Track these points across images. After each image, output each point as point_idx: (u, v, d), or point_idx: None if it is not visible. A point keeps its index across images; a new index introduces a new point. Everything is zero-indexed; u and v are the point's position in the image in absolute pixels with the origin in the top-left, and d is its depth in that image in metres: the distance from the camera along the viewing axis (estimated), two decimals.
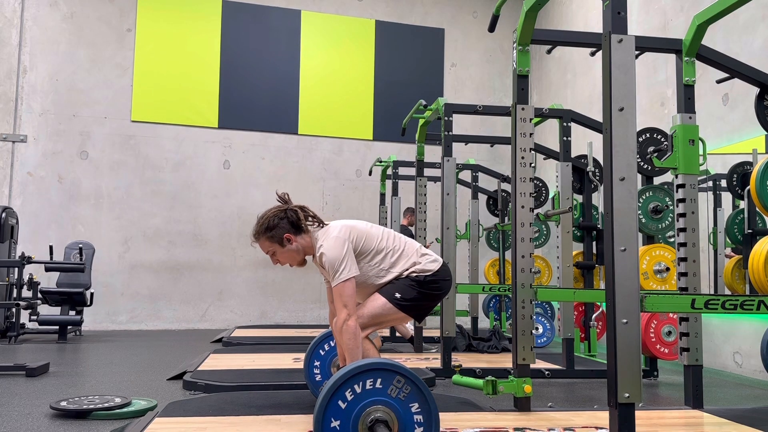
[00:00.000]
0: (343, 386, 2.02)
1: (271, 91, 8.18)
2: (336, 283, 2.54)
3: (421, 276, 2.69)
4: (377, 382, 2.05)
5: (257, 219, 2.73)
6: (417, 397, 2.07)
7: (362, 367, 2.06)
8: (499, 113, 4.69)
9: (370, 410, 2.03)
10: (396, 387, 2.06)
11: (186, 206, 7.82)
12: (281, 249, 2.68)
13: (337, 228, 2.66)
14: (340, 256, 2.55)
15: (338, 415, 2.01)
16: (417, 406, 2.07)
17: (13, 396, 3.39)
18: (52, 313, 6.48)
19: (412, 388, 2.07)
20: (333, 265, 2.55)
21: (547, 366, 4.41)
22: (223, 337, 5.99)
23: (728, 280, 4.39)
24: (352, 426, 2.02)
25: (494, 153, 8.65)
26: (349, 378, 2.03)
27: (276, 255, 2.71)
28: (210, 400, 3.15)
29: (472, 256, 6.33)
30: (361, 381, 2.04)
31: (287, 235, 2.66)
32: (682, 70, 3.12)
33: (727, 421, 2.83)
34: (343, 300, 2.52)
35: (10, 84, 7.33)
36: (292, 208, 2.71)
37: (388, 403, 2.04)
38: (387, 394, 2.05)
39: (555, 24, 8.02)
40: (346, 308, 2.51)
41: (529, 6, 2.91)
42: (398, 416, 2.04)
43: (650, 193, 4.34)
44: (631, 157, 2.15)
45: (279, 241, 2.67)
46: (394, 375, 2.06)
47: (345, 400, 2.02)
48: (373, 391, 2.04)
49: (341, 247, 2.57)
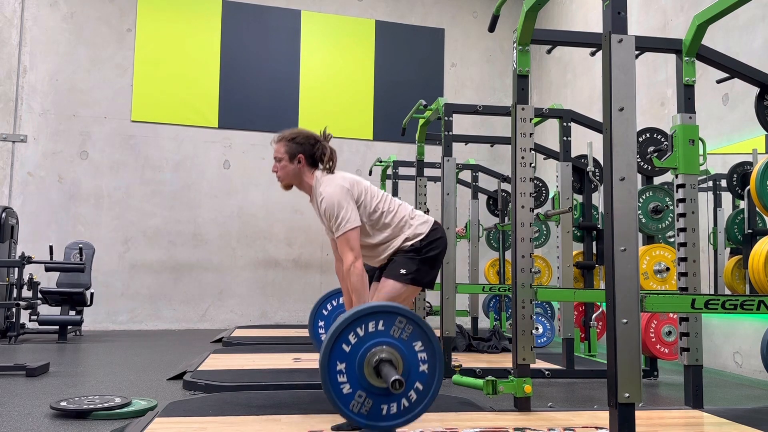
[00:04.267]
0: (345, 330, 2.07)
1: (271, 91, 8.18)
2: (339, 233, 2.60)
3: (417, 243, 2.75)
4: (379, 324, 2.10)
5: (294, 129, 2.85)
6: (420, 336, 2.12)
7: (364, 311, 2.11)
8: (499, 113, 4.69)
9: (374, 351, 2.07)
10: (398, 327, 2.11)
11: (186, 206, 7.82)
12: (288, 163, 2.76)
13: (340, 177, 2.72)
14: (342, 205, 2.60)
15: (343, 358, 2.06)
16: (420, 345, 2.11)
17: (13, 396, 3.39)
18: (52, 313, 6.48)
19: (414, 327, 2.12)
20: (333, 213, 2.61)
21: (547, 366, 4.41)
22: (223, 337, 5.99)
23: (728, 280, 4.39)
24: (358, 367, 2.06)
25: (494, 153, 8.65)
26: (351, 322, 2.08)
27: (280, 164, 2.78)
28: (210, 400, 3.15)
29: (472, 256, 6.33)
30: (364, 324, 2.09)
31: (300, 156, 2.74)
32: (682, 70, 3.12)
33: (727, 421, 2.83)
34: (349, 245, 2.58)
35: (10, 84, 7.33)
36: (324, 144, 2.78)
37: (392, 344, 2.09)
38: (390, 335, 2.10)
39: (555, 24, 8.02)
40: (353, 251, 2.57)
41: (529, 6, 2.91)
42: (402, 355, 2.09)
43: (650, 193, 4.34)
44: (631, 157, 2.15)
45: (291, 156, 2.75)
46: (396, 316, 2.11)
47: (349, 343, 2.07)
48: (376, 333, 2.09)
49: (343, 196, 2.63)
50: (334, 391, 2.05)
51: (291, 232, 8.09)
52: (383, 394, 2.07)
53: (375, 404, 2.07)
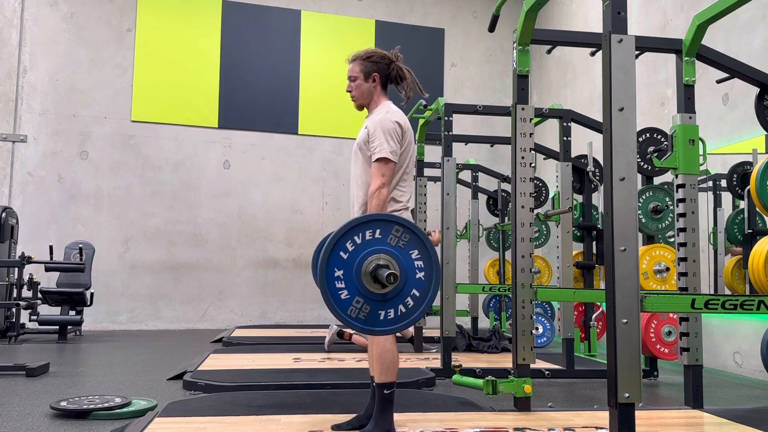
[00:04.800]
0: (343, 238, 2.09)
1: (271, 91, 8.18)
2: (377, 156, 2.48)
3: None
4: (376, 232, 2.11)
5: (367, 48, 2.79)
6: (416, 245, 2.13)
7: (360, 220, 2.13)
8: (499, 113, 4.69)
9: (372, 258, 2.09)
10: (395, 236, 2.12)
11: (186, 206, 7.82)
12: (362, 82, 2.71)
13: (404, 118, 2.63)
14: (392, 135, 2.51)
15: (341, 264, 2.08)
16: (417, 253, 2.13)
17: (13, 396, 3.39)
18: (52, 313, 6.48)
19: (411, 236, 2.14)
20: (380, 135, 2.50)
21: (547, 366, 4.41)
22: (223, 337, 5.99)
23: (728, 280, 4.39)
24: (356, 273, 2.08)
25: (494, 153, 8.65)
26: (348, 230, 2.09)
27: (355, 83, 2.74)
28: (210, 400, 3.16)
29: (472, 256, 6.33)
30: (361, 232, 2.10)
31: (376, 75, 2.70)
32: (682, 70, 3.12)
33: (727, 421, 2.83)
34: (381, 171, 2.46)
35: (10, 84, 7.33)
36: (399, 66, 2.73)
37: (389, 251, 2.11)
38: (387, 243, 2.11)
39: (555, 24, 8.02)
40: (383, 178, 2.45)
41: (529, 6, 2.91)
42: (399, 262, 2.11)
43: (650, 193, 4.34)
44: (631, 157, 2.15)
45: (367, 74, 2.71)
46: (393, 224, 2.13)
47: (346, 251, 2.09)
48: (373, 241, 2.11)
49: (397, 131, 2.54)
50: (333, 297, 2.07)
51: (291, 232, 8.09)
52: (381, 300, 2.10)
53: (372, 310, 2.10)
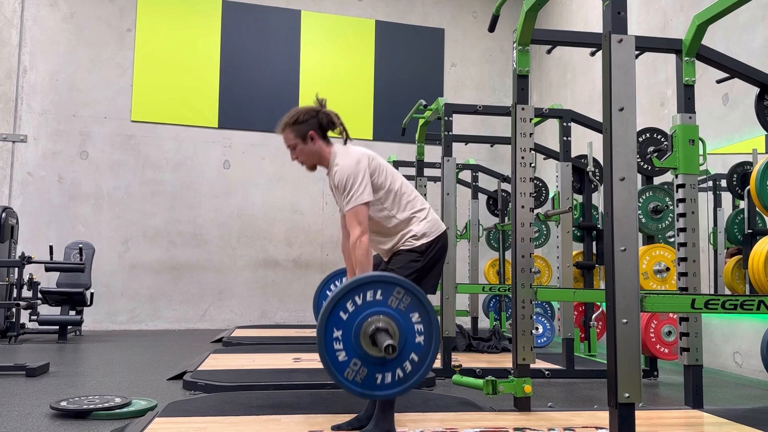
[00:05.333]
0: (344, 298, 2.07)
1: (271, 91, 8.18)
2: (349, 207, 2.50)
3: (423, 246, 2.61)
4: (378, 293, 2.10)
5: (289, 111, 2.72)
6: (417, 308, 2.11)
7: (363, 280, 2.11)
8: (499, 113, 4.69)
9: (371, 320, 2.07)
10: (396, 298, 2.10)
11: (186, 206, 7.82)
12: (303, 145, 2.66)
13: (359, 151, 2.63)
14: (356, 177, 2.51)
15: (340, 324, 2.06)
16: (417, 316, 2.11)
17: (13, 396, 3.39)
18: (52, 313, 6.48)
19: (412, 298, 2.12)
20: (346, 184, 2.51)
21: (547, 366, 4.41)
22: (223, 337, 5.99)
23: (728, 280, 4.38)
24: (354, 334, 2.06)
25: (494, 153, 8.65)
26: (350, 290, 2.08)
27: (296, 150, 2.68)
28: (210, 400, 3.15)
29: (472, 256, 6.33)
30: (362, 293, 2.09)
31: (312, 133, 2.65)
32: (682, 70, 3.12)
33: (727, 421, 2.83)
34: (358, 219, 2.48)
35: (10, 84, 7.33)
36: (325, 111, 2.70)
37: (389, 314, 2.09)
38: (387, 305, 2.09)
39: (555, 24, 8.02)
40: (360, 226, 2.47)
41: (529, 6, 2.91)
42: (399, 326, 2.08)
43: (650, 193, 4.34)
44: (631, 157, 2.15)
45: (303, 137, 2.65)
46: (394, 287, 2.11)
47: (346, 311, 2.07)
48: (373, 303, 2.09)
49: (358, 169, 2.53)
50: (330, 358, 2.06)
51: (291, 232, 8.09)
52: (378, 364, 2.07)
53: (370, 373, 2.08)
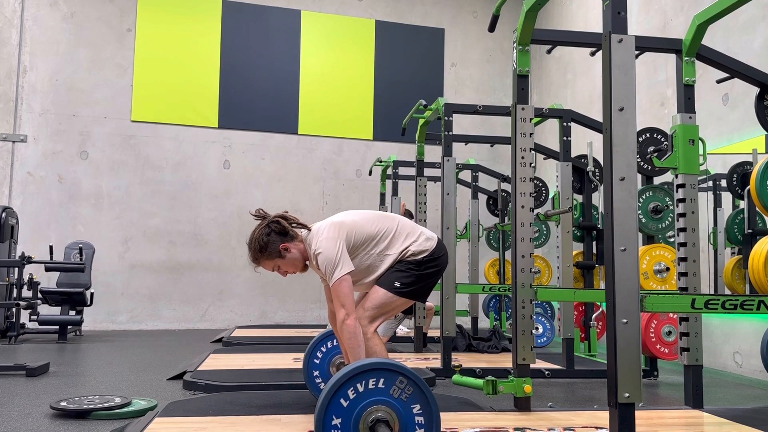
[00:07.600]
0: (345, 384, 2.02)
1: (271, 91, 8.18)
2: (332, 282, 2.57)
3: (418, 258, 2.70)
4: (380, 382, 2.05)
5: (247, 245, 2.70)
6: (419, 399, 2.07)
7: (365, 367, 2.06)
8: (499, 113, 4.69)
9: (371, 410, 2.03)
10: (398, 387, 2.06)
11: (186, 206, 7.82)
12: (283, 261, 2.69)
13: (326, 228, 2.66)
14: (334, 256, 2.57)
15: (340, 413, 2.01)
16: (419, 408, 2.07)
17: (13, 396, 3.39)
18: (52, 313, 6.47)
19: (415, 389, 2.07)
20: (329, 264, 2.57)
21: (547, 366, 4.41)
22: (223, 337, 5.99)
23: (728, 280, 4.38)
24: (353, 424, 2.02)
25: (494, 153, 8.65)
26: (352, 377, 2.03)
27: (281, 268, 2.73)
28: (210, 400, 3.15)
29: (472, 256, 6.33)
30: (364, 380, 2.04)
31: (283, 245, 2.66)
32: (682, 70, 3.12)
33: (727, 421, 2.83)
34: (341, 299, 2.54)
35: (10, 84, 7.33)
36: (273, 220, 2.68)
37: (390, 404, 2.04)
38: (389, 394, 2.05)
39: (555, 24, 8.02)
40: (344, 308, 2.53)
41: (529, 6, 2.91)
42: (399, 417, 2.04)
43: (650, 193, 4.34)
44: (631, 157, 2.15)
45: (278, 255, 2.67)
46: (397, 375, 2.06)
47: (347, 398, 2.02)
48: (375, 391, 2.04)
49: (334, 247, 2.59)
50: None
51: None
52: None
53: None
